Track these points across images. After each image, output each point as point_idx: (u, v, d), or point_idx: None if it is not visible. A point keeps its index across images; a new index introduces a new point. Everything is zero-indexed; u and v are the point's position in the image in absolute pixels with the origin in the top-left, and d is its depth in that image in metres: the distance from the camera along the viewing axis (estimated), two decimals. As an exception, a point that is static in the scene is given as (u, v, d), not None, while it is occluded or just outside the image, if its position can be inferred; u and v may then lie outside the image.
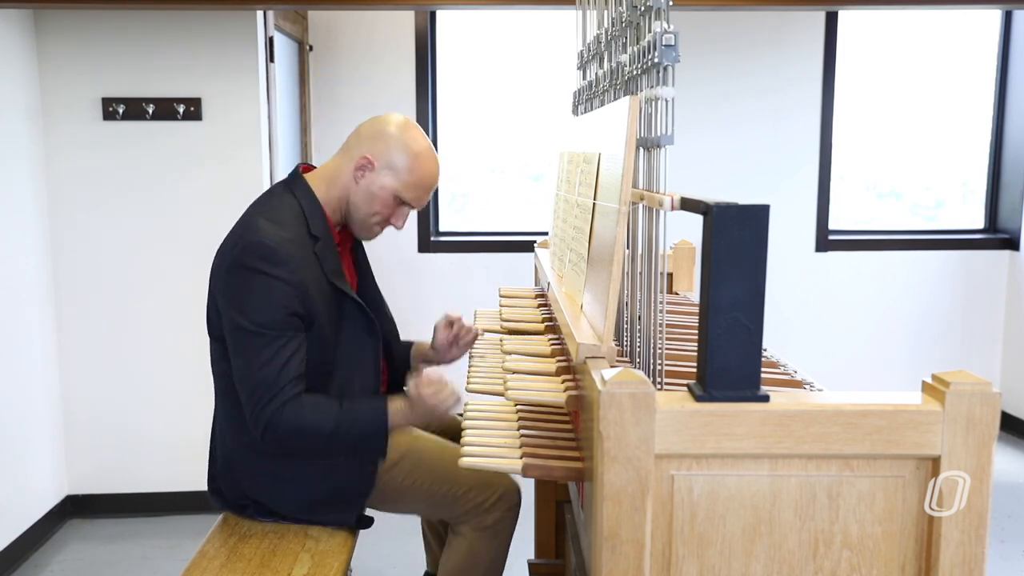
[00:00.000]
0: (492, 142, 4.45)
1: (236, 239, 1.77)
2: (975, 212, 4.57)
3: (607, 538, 1.08)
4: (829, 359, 4.28)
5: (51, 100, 3.21)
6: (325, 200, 1.86)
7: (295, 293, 1.73)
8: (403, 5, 3.52)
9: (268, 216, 1.79)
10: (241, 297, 1.74)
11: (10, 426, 3.02)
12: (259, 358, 1.71)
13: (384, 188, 1.83)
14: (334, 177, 1.86)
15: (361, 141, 1.86)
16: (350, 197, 1.85)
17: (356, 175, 1.83)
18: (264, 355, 1.71)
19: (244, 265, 1.73)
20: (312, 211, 1.83)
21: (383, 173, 1.83)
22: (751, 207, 1.05)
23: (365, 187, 1.83)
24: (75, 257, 3.29)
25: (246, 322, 1.72)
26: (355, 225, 1.90)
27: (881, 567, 1.10)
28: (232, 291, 1.76)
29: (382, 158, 1.83)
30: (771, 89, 4.21)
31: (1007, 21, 4.37)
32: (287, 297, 1.72)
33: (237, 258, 1.74)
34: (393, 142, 1.83)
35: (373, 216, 1.87)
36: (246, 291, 1.73)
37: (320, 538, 1.86)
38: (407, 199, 1.86)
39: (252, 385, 1.73)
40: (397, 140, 1.84)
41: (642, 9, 1.39)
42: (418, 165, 1.84)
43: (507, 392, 1.44)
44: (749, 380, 1.08)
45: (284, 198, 1.85)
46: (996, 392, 1.05)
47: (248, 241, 1.74)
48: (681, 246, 2.38)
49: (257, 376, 1.71)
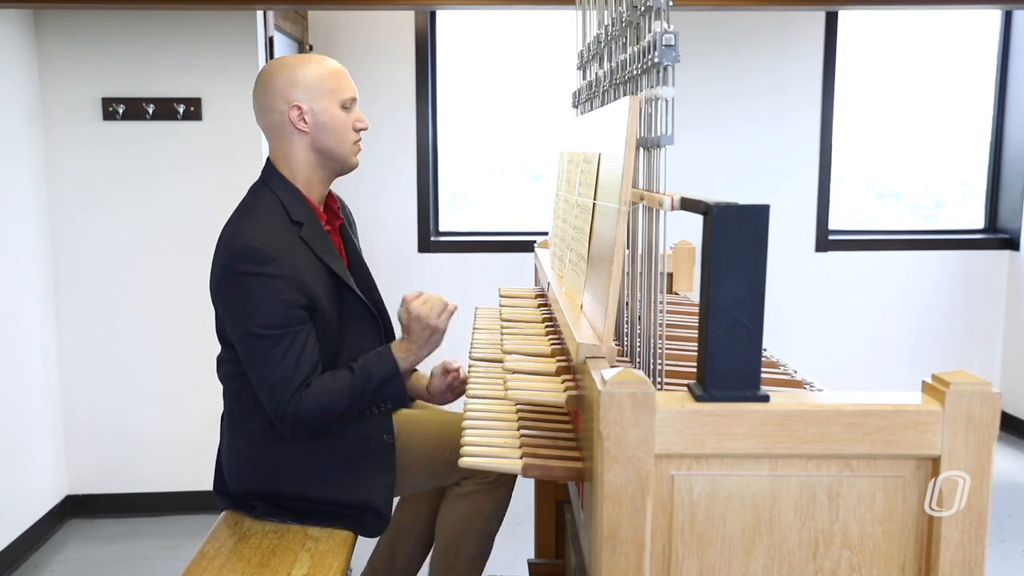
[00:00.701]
0: (492, 142, 4.45)
1: (222, 249, 1.79)
2: (975, 212, 4.57)
3: (607, 538, 1.08)
4: (829, 359, 4.28)
5: (51, 100, 3.21)
6: (296, 180, 1.86)
7: (291, 286, 1.73)
8: (403, 5, 3.52)
9: (247, 217, 1.81)
10: (240, 304, 1.75)
11: (10, 426, 3.02)
12: (272, 359, 1.73)
13: (326, 110, 1.83)
14: (287, 153, 1.86)
15: (271, 108, 1.84)
16: (314, 147, 1.84)
17: (299, 127, 1.82)
18: (275, 355, 1.72)
19: (234, 272, 1.74)
20: (290, 198, 1.83)
21: (313, 102, 1.82)
22: (751, 207, 1.05)
23: (315, 125, 1.82)
24: (75, 257, 3.29)
25: (251, 326, 1.73)
26: (338, 161, 1.88)
27: (881, 567, 1.10)
28: (230, 300, 1.77)
29: (298, 94, 1.81)
30: (771, 89, 4.21)
31: (1007, 21, 4.37)
32: (284, 292, 1.72)
33: (226, 266, 1.76)
34: (292, 78, 1.82)
35: (344, 139, 1.86)
36: (242, 296, 1.74)
37: (320, 538, 1.86)
38: (346, 97, 1.85)
39: (271, 386, 1.74)
40: (292, 74, 1.82)
41: (642, 9, 1.39)
42: (324, 70, 1.84)
43: (507, 392, 1.44)
44: (749, 380, 1.08)
45: (260, 194, 1.86)
46: (996, 392, 1.05)
47: (232, 248, 1.75)
48: (681, 246, 2.38)
49: (274, 377, 1.73)
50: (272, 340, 1.72)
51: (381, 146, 4.13)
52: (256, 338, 1.73)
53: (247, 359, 1.78)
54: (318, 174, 1.88)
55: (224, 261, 1.76)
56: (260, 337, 1.72)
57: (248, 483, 1.91)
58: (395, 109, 4.11)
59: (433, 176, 4.24)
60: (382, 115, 4.10)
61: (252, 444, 1.89)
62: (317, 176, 1.88)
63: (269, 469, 1.88)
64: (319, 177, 1.88)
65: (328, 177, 1.90)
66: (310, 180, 1.87)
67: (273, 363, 1.72)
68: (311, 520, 1.89)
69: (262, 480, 1.89)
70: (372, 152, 4.12)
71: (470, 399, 1.69)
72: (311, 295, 1.77)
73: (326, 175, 1.89)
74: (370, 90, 4.08)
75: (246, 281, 1.73)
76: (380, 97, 4.09)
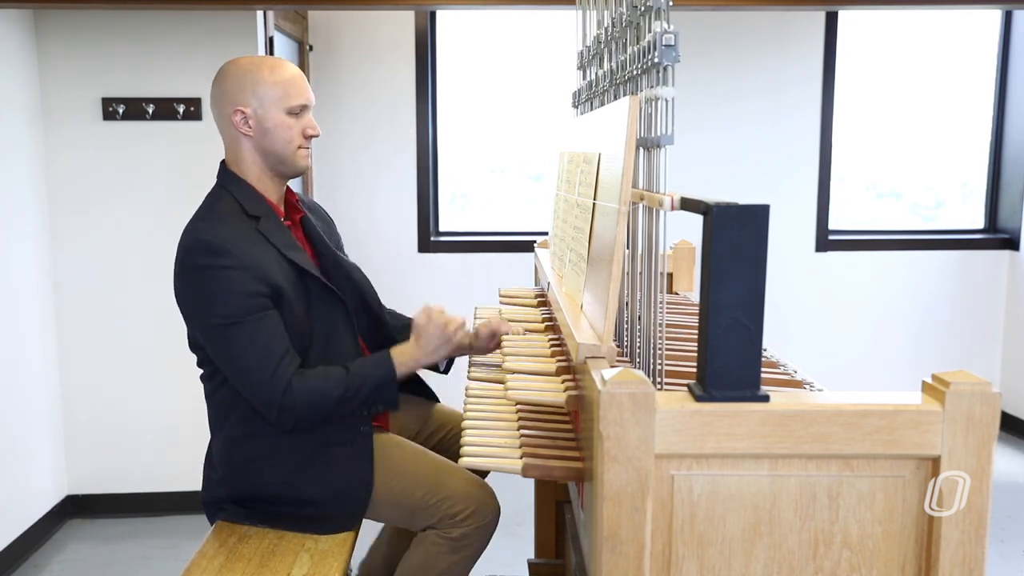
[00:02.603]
0: (492, 142, 4.45)
1: (179, 249, 1.79)
2: (975, 212, 4.57)
3: (607, 538, 1.08)
4: (829, 359, 4.28)
5: (51, 100, 3.21)
6: (249, 178, 1.86)
7: (250, 276, 1.72)
8: (403, 5, 3.52)
9: (202, 216, 1.82)
10: (200, 297, 1.75)
11: (10, 426, 3.02)
12: (241, 346, 1.72)
13: (271, 116, 1.81)
14: (236, 155, 1.86)
15: (221, 109, 1.84)
16: (259, 150, 1.83)
17: (243, 130, 1.82)
18: (244, 341, 1.71)
19: (192, 266, 1.74)
20: (244, 194, 1.83)
21: (259, 108, 1.81)
22: (751, 207, 1.05)
23: (259, 130, 1.82)
24: (75, 257, 3.29)
25: (215, 319, 1.73)
26: (282, 165, 1.87)
27: (881, 567, 1.10)
28: (190, 295, 1.77)
29: (246, 99, 1.81)
30: (771, 89, 4.21)
31: (1007, 21, 4.37)
32: (243, 281, 1.72)
33: (183, 263, 1.76)
34: (241, 80, 1.81)
35: (288, 144, 1.84)
36: (202, 289, 1.74)
37: (320, 538, 1.86)
38: (295, 104, 1.83)
39: (247, 374, 1.73)
40: (242, 76, 1.82)
41: (642, 9, 1.39)
42: (275, 75, 1.82)
43: (507, 392, 1.44)
44: (749, 380, 1.08)
45: (216, 195, 1.86)
46: (996, 392, 1.05)
47: (188, 244, 1.76)
48: (681, 246, 2.38)
49: (247, 363, 1.72)
50: (239, 327, 1.71)
51: (381, 146, 4.13)
52: (221, 328, 1.72)
53: (217, 354, 1.77)
54: (268, 175, 1.87)
55: (181, 258, 1.77)
56: (224, 327, 1.72)
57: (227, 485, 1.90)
58: (395, 109, 4.11)
59: (433, 176, 4.24)
60: (382, 115, 4.10)
61: (226, 445, 1.88)
62: (268, 176, 1.87)
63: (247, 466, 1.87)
64: (269, 177, 1.88)
65: (277, 178, 1.90)
66: (261, 180, 1.87)
67: (243, 348, 1.71)
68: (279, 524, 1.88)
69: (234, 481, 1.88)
70: (372, 152, 4.12)
71: (470, 399, 1.69)
72: (273, 284, 1.75)
73: (276, 176, 1.89)
74: (370, 90, 4.09)
75: (204, 273, 1.73)
76: (380, 97, 4.09)
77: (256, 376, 1.73)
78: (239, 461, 1.87)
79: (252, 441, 1.85)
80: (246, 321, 1.71)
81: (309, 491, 1.85)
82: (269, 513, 1.88)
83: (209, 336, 1.77)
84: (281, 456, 1.84)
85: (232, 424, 1.87)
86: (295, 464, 1.84)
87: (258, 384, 1.73)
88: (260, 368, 1.72)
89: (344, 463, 1.85)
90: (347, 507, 1.87)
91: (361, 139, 4.04)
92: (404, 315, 2.16)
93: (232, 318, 1.71)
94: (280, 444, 1.84)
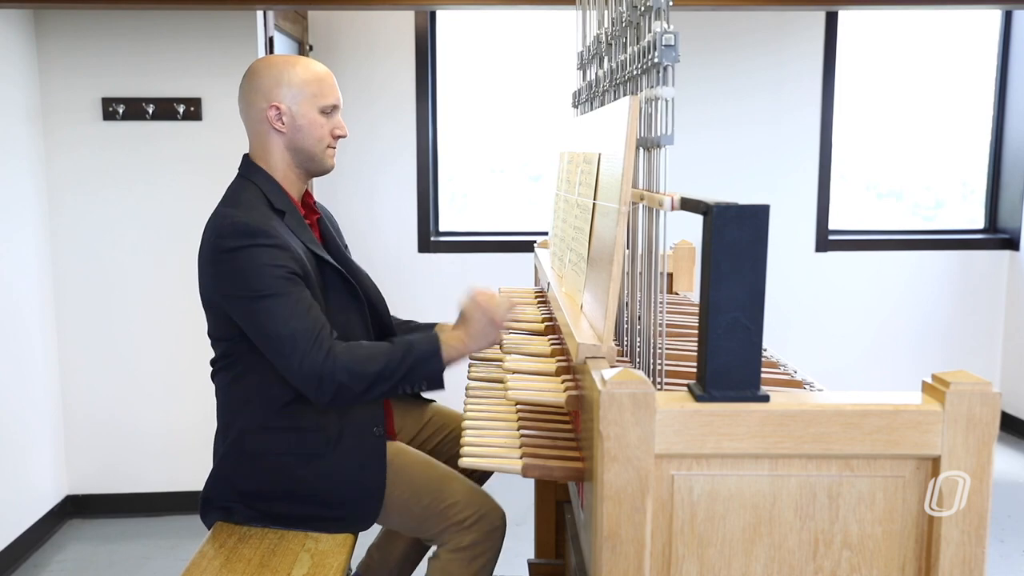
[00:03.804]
0: (492, 142, 4.45)
1: (210, 233, 1.79)
2: (975, 212, 4.57)
3: (607, 538, 1.08)
4: (829, 359, 4.28)
5: (51, 100, 3.21)
6: (275, 174, 1.88)
7: (285, 255, 1.73)
8: (403, 5, 3.52)
9: (231, 203, 1.82)
10: (235, 277, 1.74)
11: (10, 426, 3.02)
12: (281, 315, 1.71)
13: (304, 113, 1.84)
14: (264, 150, 1.88)
15: (253, 105, 1.86)
16: (290, 147, 1.86)
17: (276, 126, 1.85)
18: (283, 312, 1.71)
19: (226, 249, 1.74)
20: (270, 188, 1.85)
21: (292, 104, 1.84)
22: (751, 207, 1.05)
23: (292, 127, 1.85)
24: (75, 257, 3.29)
25: (251, 292, 1.72)
26: (311, 163, 1.89)
27: (881, 567, 1.10)
28: (225, 276, 1.76)
29: (279, 94, 1.83)
30: (771, 89, 4.21)
31: (1007, 21, 4.37)
32: (276, 258, 1.72)
33: (217, 246, 1.75)
34: (277, 77, 1.84)
35: (320, 143, 1.87)
36: (237, 269, 1.73)
37: (320, 538, 1.86)
38: (328, 104, 1.86)
39: (289, 342, 1.71)
40: (277, 73, 1.84)
41: (642, 9, 1.39)
42: (309, 73, 1.85)
43: (507, 392, 1.44)
44: (749, 380, 1.08)
45: (241, 184, 1.88)
46: (996, 392, 1.05)
47: (221, 228, 1.76)
48: (681, 246, 2.38)
49: (288, 332, 1.70)
50: (275, 300, 1.71)
51: (381, 146, 4.13)
52: (261, 301, 1.71)
53: (256, 330, 1.75)
54: (294, 171, 1.90)
55: (214, 243, 1.76)
56: (263, 298, 1.71)
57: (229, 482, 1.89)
58: (395, 109, 4.11)
59: (433, 176, 4.24)
60: (382, 115, 4.10)
61: (238, 440, 1.87)
62: (294, 173, 1.90)
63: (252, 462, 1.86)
64: (296, 174, 1.91)
65: (304, 176, 1.93)
66: (287, 176, 1.90)
67: (284, 320, 1.70)
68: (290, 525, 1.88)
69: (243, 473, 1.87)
70: (372, 152, 4.12)
71: (470, 399, 1.69)
72: (304, 270, 1.77)
73: (302, 173, 1.92)
74: (370, 90, 4.09)
75: (237, 254, 1.73)
76: (380, 97, 4.09)
77: (301, 344, 1.70)
78: (251, 453, 1.86)
79: (267, 434, 1.85)
80: (284, 293, 1.71)
81: (321, 490, 1.85)
82: (274, 512, 1.88)
83: (246, 314, 1.75)
84: (295, 451, 1.84)
85: (247, 416, 1.86)
86: (308, 459, 1.83)
87: (301, 353, 1.70)
88: (303, 336, 1.70)
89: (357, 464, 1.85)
90: (359, 508, 1.87)
91: (361, 139, 4.04)
92: (410, 321, 2.18)
93: (271, 290, 1.71)
94: (294, 439, 1.84)
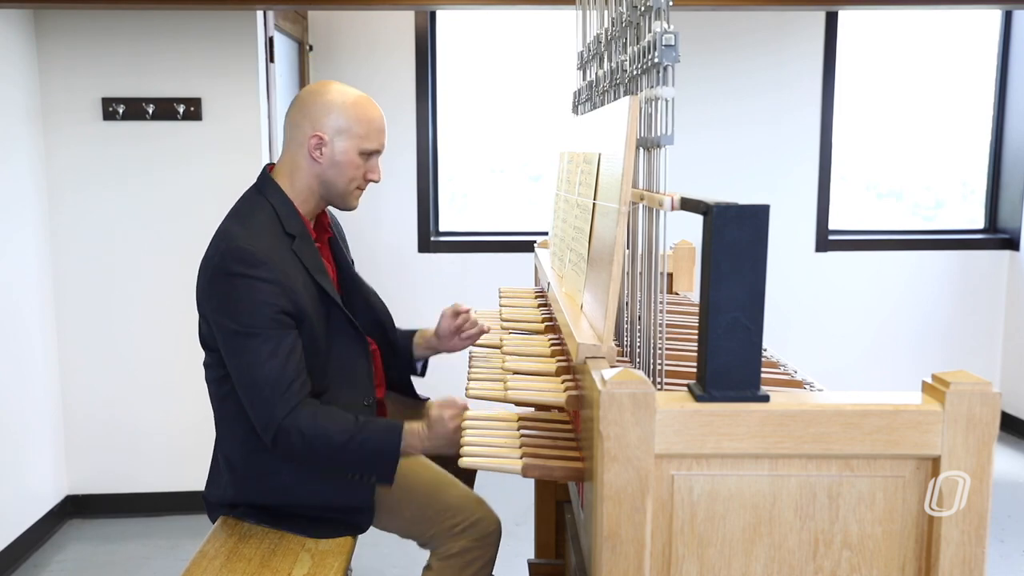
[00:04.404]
0: (492, 142, 4.45)
1: (214, 250, 1.78)
2: (975, 212, 4.57)
3: (607, 538, 1.08)
4: (829, 359, 4.28)
5: (51, 100, 3.21)
6: (294, 195, 1.86)
7: (279, 291, 1.72)
8: (403, 5, 3.52)
9: (242, 222, 1.80)
10: (227, 303, 1.73)
11: (10, 426, 3.02)
12: (258, 358, 1.70)
13: (346, 152, 1.83)
14: (293, 169, 1.86)
15: (298, 126, 1.85)
16: (320, 178, 1.85)
17: (314, 155, 1.83)
18: (262, 354, 1.70)
19: (225, 271, 1.73)
20: (284, 210, 1.83)
21: (336, 139, 1.83)
22: (751, 207, 1.05)
23: (329, 161, 1.83)
24: (75, 257, 3.29)
25: (236, 326, 1.71)
26: (336, 199, 1.89)
27: (881, 567, 1.10)
28: (217, 299, 1.76)
29: (328, 127, 1.82)
30: (771, 89, 4.21)
31: (1007, 21, 4.37)
32: (272, 295, 1.71)
33: (217, 266, 1.75)
34: (329, 107, 1.83)
35: (351, 183, 1.87)
36: (231, 296, 1.73)
37: (320, 539, 1.86)
38: (371, 148, 1.86)
39: (256, 387, 1.71)
40: (331, 103, 1.83)
41: (642, 9, 1.39)
42: (362, 113, 1.84)
43: (507, 392, 1.44)
44: (749, 380, 1.08)
45: (255, 201, 1.85)
46: (996, 392, 1.05)
47: (225, 248, 1.75)
48: (681, 246, 2.38)
49: (259, 376, 1.70)
50: (259, 339, 1.70)
51: (381, 146, 4.13)
52: (242, 336, 1.71)
53: (232, 361, 1.75)
54: (315, 199, 1.89)
55: (216, 262, 1.76)
56: (245, 335, 1.70)
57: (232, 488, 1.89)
58: (395, 109, 4.11)
59: (433, 176, 4.24)
60: (382, 115, 4.10)
61: (237, 449, 1.87)
62: (314, 199, 1.89)
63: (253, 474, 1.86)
64: (315, 201, 1.89)
65: (323, 205, 1.92)
66: (307, 200, 1.88)
67: (259, 361, 1.70)
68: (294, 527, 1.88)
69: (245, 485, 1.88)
70: (372, 152, 4.12)
71: (470, 399, 1.69)
72: (299, 305, 1.75)
73: (322, 202, 1.91)
74: (370, 90, 4.01)
75: (235, 281, 1.72)
76: (380, 97, 4.02)
77: (266, 392, 1.70)
78: (256, 468, 1.85)
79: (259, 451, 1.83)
80: (268, 335, 1.70)
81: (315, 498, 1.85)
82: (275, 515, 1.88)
83: (227, 343, 1.75)
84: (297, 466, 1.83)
85: (238, 432, 1.85)
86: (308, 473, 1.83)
87: (265, 400, 1.70)
88: (272, 384, 1.69)
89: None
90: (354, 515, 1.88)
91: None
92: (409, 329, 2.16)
93: (255, 328, 1.70)
94: None
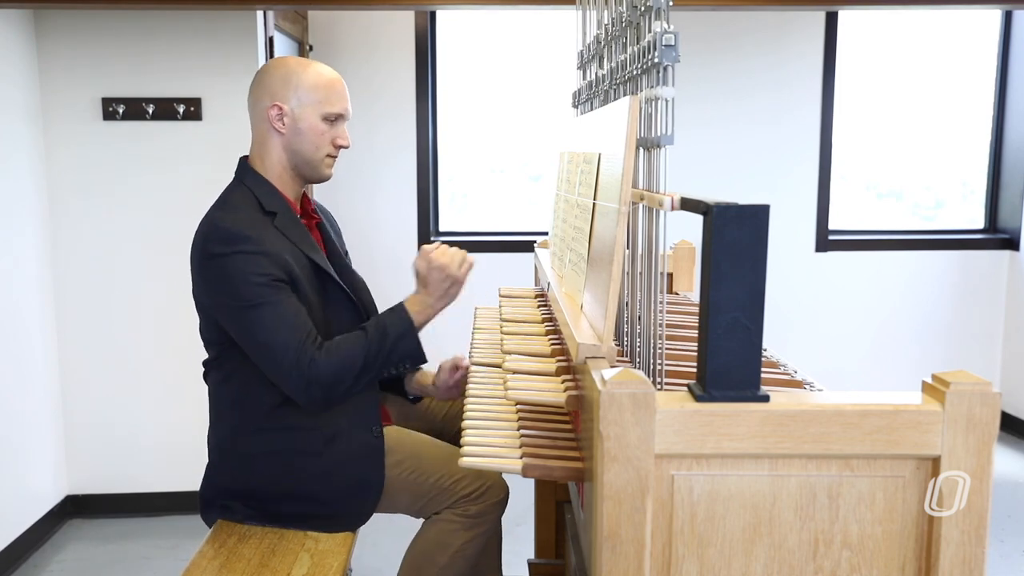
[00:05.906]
0: (492, 142, 4.45)
1: (197, 238, 1.81)
2: (975, 212, 4.57)
3: (607, 538, 1.08)
4: (829, 359, 4.28)
5: (51, 100, 3.21)
6: (268, 174, 1.87)
7: (267, 261, 1.73)
8: (403, 5, 3.52)
9: (220, 207, 1.83)
10: (221, 284, 1.75)
11: (10, 426, 3.02)
12: (265, 327, 1.72)
13: (307, 118, 1.83)
14: (261, 147, 1.87)
15: (258, 102, 1.85)
16: (288, 149, 1.85)
17: (276, 126, 1.83)
18: (267, 322, 1.71)
19: (211, 255, 1.75)
20: (262, 190, 1.84)
21: (296, 107, 1.82)
22: (751, 207, 1.05)
23: (292, 129, 1.83)
24: (75, 257, 3.29)
25: (236, 302, 1.73)
26: (307, 169, 1.88)
27: (881, 567, 1.10)
28: (212, 283, 1.77)
29: (286, 96, 1.82)
30: (771, 89, 4.21)
31: (1007, 21, 4.37)
32: (260, 266, 1.72)
33: (202, 251, 1.77)
34: (286, 77, 1.83)
35: (318, 151, 1.86)
36: (221, 276, 1.74)
37: (320, 538, 1.86)
38: (333, 112, 1.85)
39: (274, 353, 1.72)
40: (287, 73, 1.83)
41: (642, 9, 1.39)
42: (318, 78, 1.84)
43: (507, 392, 1.44)
44: (749, 380, 1.08)
45: (232, 189, 1.88)
46: (996, 392, 1.05)
47: (205, 233, 1.77)
48: (681, 246, 2.38)
49: (274, 342, 1.71)
50: (261, 308, 1.71)
51: (381, 146, 4.13)
52: (245, 310, 1.72)
53: (244, 339, 1.77)
54: (290, 174, 1.89)
55: (200, 247, 1.78)
56: (248, 308, 1.72)
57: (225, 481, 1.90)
58: (395, 109, 4.11)
59: (433, 176, 4.24)
60: (382, 115, 4.10)
61: (230, 440, 1.88)
62: (288, 175, 1.89)
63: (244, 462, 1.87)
64: (290, 177, 1.89)
65: (300, 180, 1.91)
66: (282, 178, 1.88)
67: (266, 331, 1.71)
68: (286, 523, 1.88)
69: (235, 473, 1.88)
70: (372, 152, 4.12)
71: (470, 399, 1.69)
72: (291, 273, 1.76)
73: (298, 178, 1.90)
74: (370, 90, 4.09)
75: (224, 260, 1.73)
76: (380, 97, 4.09)
77: (282, 355, 1.71)
78: (244, 454, 1.86)
79: (257, 435, 1.85)
80: (267, 302, 1.71)
81: (317, 489, 1.85)
82: (271, 511, 1.88)
83: (233, 320, 1.76)
84: (286, 450, 1.84)
85: (239, 416, 1.86)
86: (302, 460, 1.84)
87: (285, 363, 1.72)
88: (286, 347, 1.71)
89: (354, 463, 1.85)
90: (355, 507, 1.87)
91: (361, 139, 4.04)
92: None
93: (253, 299, 1.71)
94: (285, 438, 1.84)
